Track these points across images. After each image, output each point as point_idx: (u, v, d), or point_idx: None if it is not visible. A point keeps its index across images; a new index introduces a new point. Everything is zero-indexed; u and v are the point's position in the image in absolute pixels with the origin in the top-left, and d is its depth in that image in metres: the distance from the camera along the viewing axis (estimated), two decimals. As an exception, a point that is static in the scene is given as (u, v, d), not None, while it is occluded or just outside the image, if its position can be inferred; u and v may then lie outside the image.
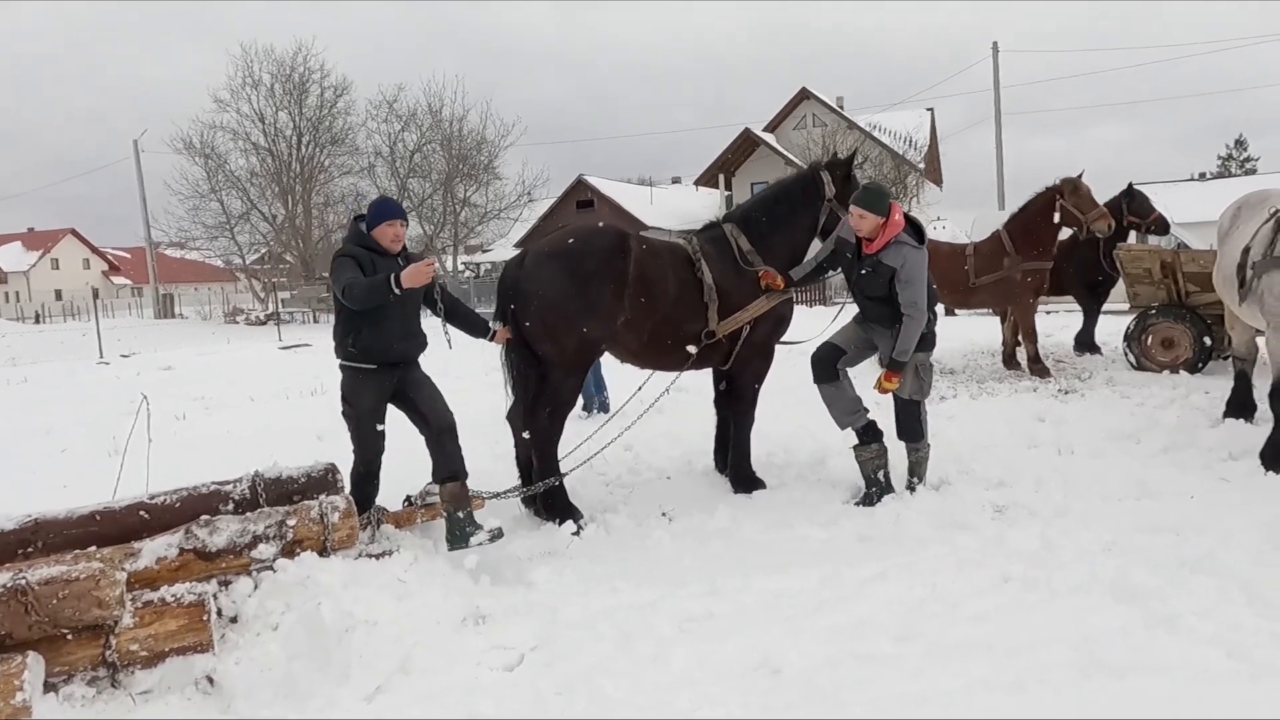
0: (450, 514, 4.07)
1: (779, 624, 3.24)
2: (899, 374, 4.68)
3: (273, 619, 3.25)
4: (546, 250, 4.63)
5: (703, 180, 37.84)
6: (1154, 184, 39.01)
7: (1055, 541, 3.90)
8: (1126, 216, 9.88)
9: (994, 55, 27.26)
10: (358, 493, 4.13)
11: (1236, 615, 3.03)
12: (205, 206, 31.99)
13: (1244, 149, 53.59)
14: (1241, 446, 5.27)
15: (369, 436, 4.26)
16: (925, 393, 4.89)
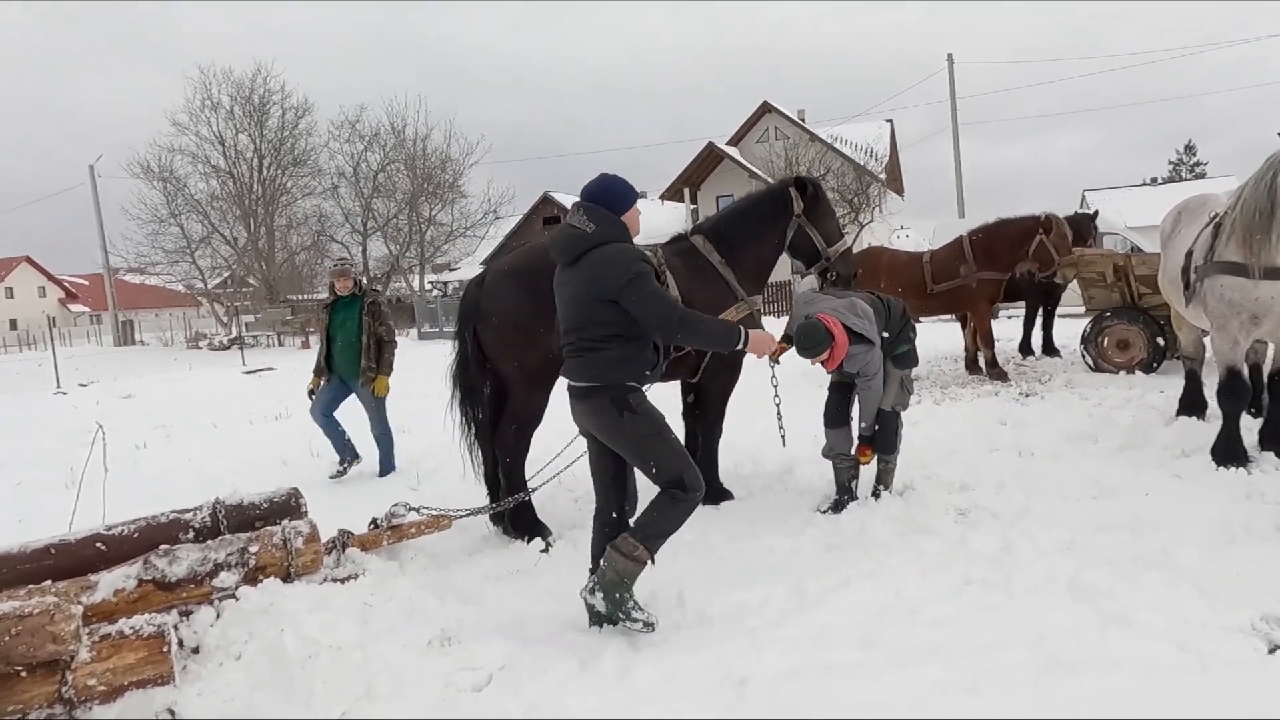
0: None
1: (744, 636, 3.26)
2: (868, 447, 4.90)
3: (235, 648, 3.21)
4: (506, 269, 4.65)
5: (668, 194, 38.05)
6: (1108, 189, 40.00)
7: (1015, 543, 3.97)
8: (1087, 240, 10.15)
9: (949, 67, 27.81)
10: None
11: (1187, 610, 3.10)
12: (165, 231, 31.60)
13: (1194, 154, 55.20)
14: (1194, 443, 5.41)
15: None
16: (906, 405, 5.01)
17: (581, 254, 3.33)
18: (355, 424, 6.93)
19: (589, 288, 3.30)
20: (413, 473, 6.30)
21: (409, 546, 4.32)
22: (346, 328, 6.53)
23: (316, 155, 34.10)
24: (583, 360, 3.35)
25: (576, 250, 3.34)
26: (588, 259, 3.32)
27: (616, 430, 3.36)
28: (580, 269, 3.33)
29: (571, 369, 3.40)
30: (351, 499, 5.70)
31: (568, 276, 3.41)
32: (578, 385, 3.40)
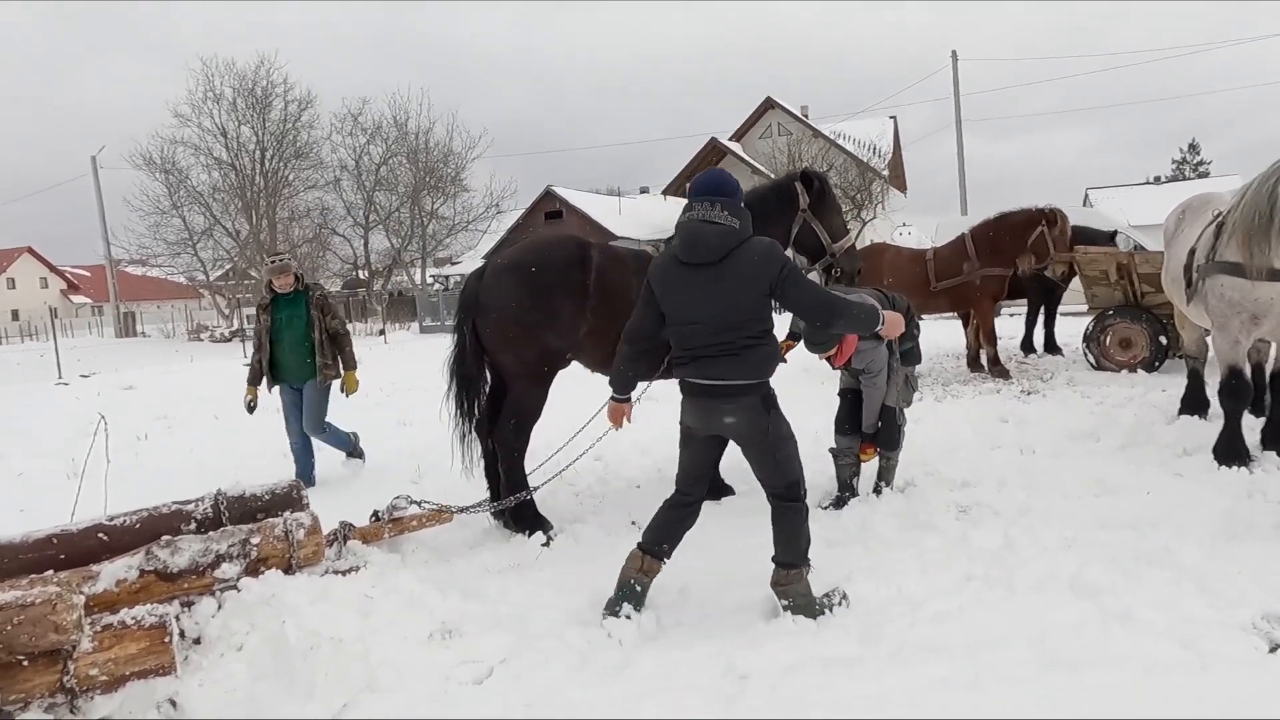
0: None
1: (745, 630, 3.27)
2: (874, 445, 4.91)
3: (237, 639, 3.21)
4: (506, 263, 4.65)
5: (671, 190, 38.05)
6: (1111, 188, 39.96)
7: (1017, 540, 3.97)
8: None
9: (954, 63, 27.75)
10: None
11: (1189, 608, 3.10)
12: (167, 223, 31.52)
13: (1197, 153, 55.09)
14: (1196, 442, 5.41)
15: None
16: (910, 401, 5.02)
17: (731, 250, 3.21)
18: (349, 423, 6.88)
19: (747, 284, 3.21)
20: (414, 466, 6.29)
21: (410, 539, 4.32)
22: (294, 326, 6.12)
23: (319, 148, 34.03)
24: (739, 359, 3.25)
25: (726, 247, 3.21)
26: (737, 255, 3.21)
27: (760, 428, 3.34)
28: (730, 265, 3.20)
29: (725, 368, 3.25)
30: (353, 492, 5.71)
31: (709, 274, 3.22)
32: (727, 384, 3.26)
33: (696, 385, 3.34)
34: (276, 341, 6.11)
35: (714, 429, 3.42)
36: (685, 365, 3.35)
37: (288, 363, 6.14)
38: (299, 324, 6.09)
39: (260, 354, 6.16)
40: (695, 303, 3.27)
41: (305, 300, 6.15)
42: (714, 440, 3.52)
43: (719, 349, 3.26)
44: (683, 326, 3.32)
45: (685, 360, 3.35)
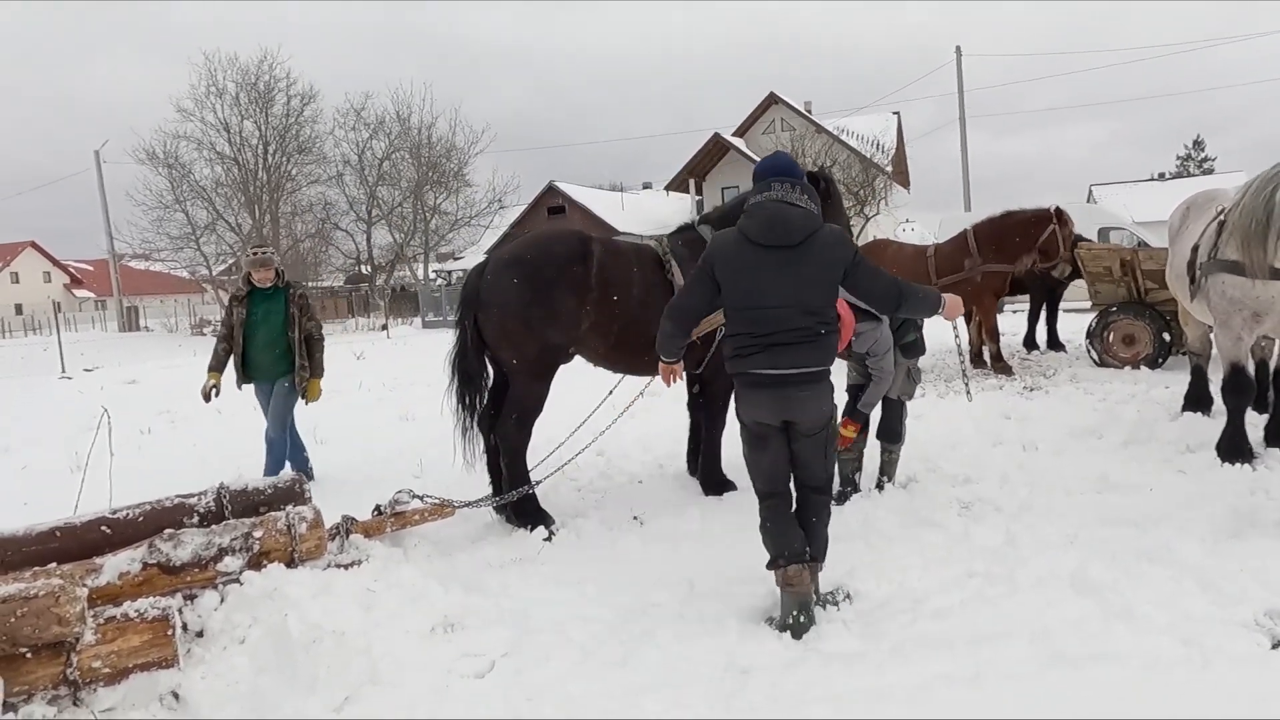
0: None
1: (747, 625, 3.27)
2: (858, 424, 4.81)
3: (239, 632, 3.22)
4: (507, 258, 4.65)
5: (673, 185, 37.99)
6: (1115, 184, 39.83)
7: (1019, 537, 3.97)
8: None
9: (958, 59, 27.68)
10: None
11: (1190, 605, 3.10)
12: (170, 217, 31.60)
13: (1201, 149, 54.95)
14: (1199, 439, 5.40)
15: None
16: (912, 394, 5.00)
17: (809, 234, 3.13)
18: (353, 419, 6.88)
19: (826, 269, 3.15)
20: (416, 461, 6.30)
21: (412, 534, 4.33)
22: (270, 322, 5.79)
23: (322, 143, 34.13)
24: (815, 345, 3.17)
25: (807, 230, 3.13)
26: (814, 239, 3.14)
27: (827, 416, 3.32)
28: (807, 249, 3.12)
29: (803, 356, 3.15)
30: (355, 486, 5.71)
31: (786, 257, 3.12)
32: (806, 371, 3.17)
33: (769, 376, 3.16)
34: (249, 337, 5.78)
35: (785, 417, 3.26)
36: (755, 354, 3.16)
37: (259, 360, 5.82)
38: (275, 321, 5.80)
39: (229, 346, 5.82)
40: (772, 286, 3.13)
41: (284, 297, 5.87)
42: (785, 430, 3.33)
43: (797, 335, 3.14)
44: (755, 310, 3.15)
45: (755, 349, 3.16)
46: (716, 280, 3.23)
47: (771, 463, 3.34)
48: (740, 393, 3.31)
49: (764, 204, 3.19)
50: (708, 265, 3.26)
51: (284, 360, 5.82)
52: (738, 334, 3.23)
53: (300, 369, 5.82)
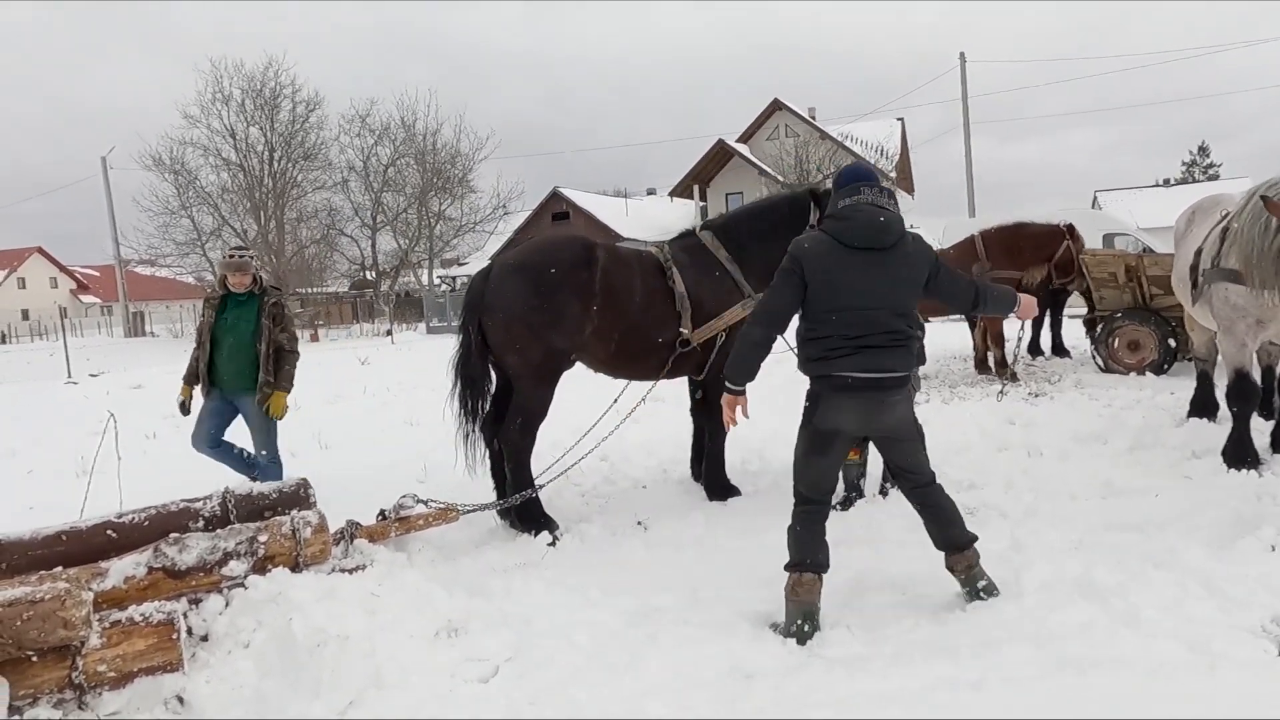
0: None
1: (751, 630, 3.27)
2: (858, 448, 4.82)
3: (244, 636, 3.22)
4: (512, 263, 4.66)
5: (677, 191, 38.08)
6: (1120, 190, 39.77)
7: (1023, 541, 3.96)
8: None
9: (961, 65, 27.69)
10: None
11: (1196, 610, 3.09)
12: (176, 223, 31.68)
13: (1207, 155, 54.88)
14: (1204, 445, 5.38)
15: None
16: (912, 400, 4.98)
17: (899, 238, 3.21)
18: (360, 424, 6.89)
19: (915, 271, 3.24)
20: (420, 465, 6.30)
21: (416, 538, 4.33)
22: (239, 329, 5.34)
23: (327, 149, 34.20)
24: (906, 349, 3.23)
25: (897, 233, 3.20)
26: (903, 244, 3.22)
27: (915, 418, 3.38)
28: (898, 253, 3.19)
29: (895, 359, 3.18)
30: (359, 491, 5.70)
31: (878, 260, 3.17)
32: (896, 375, 3.20)
33: (861, 380, 3.15)
34: (215, 343, 5.35)
35: (872, 427, 3.28)
36: (847, 357, 3.14)
37: (223, 369, 5.36)
38: (245, 329, 5.35)
39: (200, 353, 5.43)
40: (866, 288, 3.15)
41: (258, 305, 5.42)
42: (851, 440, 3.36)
43: (890, 338, 3.17)
44: (848, 312, 3.15)
45: (847, 351, 3.14)
46: (805, 281, 3.20)
47: (828, 469, 3.35)
48: (824, 397, 3.23)
49: (858, 207, 3.21)
50: (795, 266, 3.22)
51: (248, 373, 5.35)
52: (826, 336, 3.19)
53: (263, 383, 5.30)
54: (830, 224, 3.26)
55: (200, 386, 5.46)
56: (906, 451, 3.38)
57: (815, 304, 3.20)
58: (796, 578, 3.24)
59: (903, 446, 3.37)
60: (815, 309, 3.21)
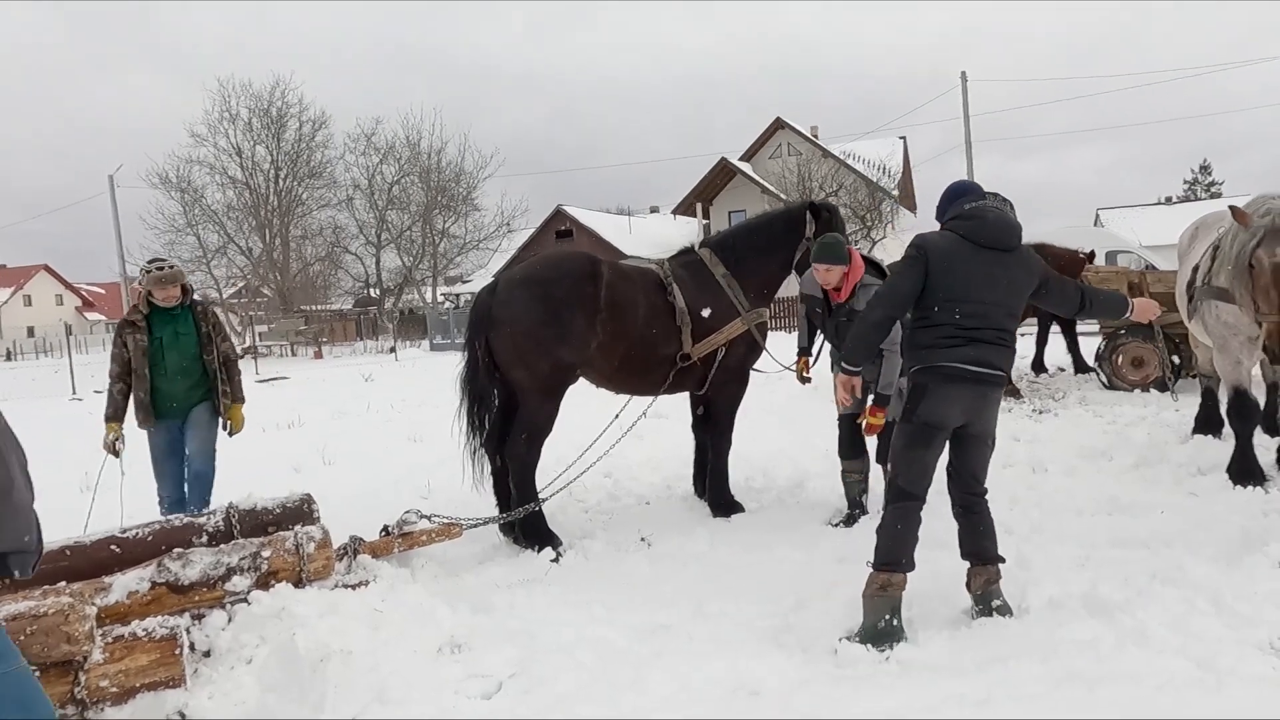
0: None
1: (756, 646, 3.25)
2: (884, 408, 4.76)
3: (246, 652, 3.22)
4: (519, 277, 4.68)
5: (680, 209, 38.16)
6: (1123, 208, 39.84)
7: (1029, 558, 3.94)
8: None
9: (963, 85, 27.82)
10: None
11: (1203, 625, 3.07)
12: (181, 241, 31.86)
13: (1209, 173, 54.97)
14: (1210, 461, 5.37)
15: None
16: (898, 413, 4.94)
17: (1018, 244, 3.36)
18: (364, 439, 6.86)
19: (1029, 277, 3.37)
20: (424, 481, 6.30)
21: (420, 554, 4.32)
22: (180, 346, 4.89)
23: (332, 167, 34.46)
24: (1008, 349, 3.34)
25: (1019, 238, 3.36)
26: (1021, 250, 3.36)
27: (996, 421, 3.45)
28: (1016, 258, 3.32)
29: (999, 357, 3.28)
30: (364, 506, 5.70)
31: (1001, 261, 3.27)
32: (998, 373, 3.30)
33: (969, 372, 3.22)
34: (154, 366, 4.84)
35: (972, 420, 3.33)
36: (959, 347, 3.21)
37: (170, 391, 4.88)
38: (187, 344, 4.92)
39: (127, 386, 4.86)
40: (988, 285, 3.25)
41: (192, 317, 4.99)
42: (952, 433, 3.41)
43: (998, 336, 3.28)
44: (969, 304, 3.22)
45: (960, 342, 3.21)
46: (928, 270, 3.26)
47: (931, 462, 3.36)
48: (931, 387, 3.27)
49: (985, 209, 3.33)
50: (921, 255, 3.28)
51: (200, 388, 4.98)
52: (941, 324, 3.25)
53: (221, 394, 5.00)
54: (958, 224, 3.34)
55: (142, 421, 4.87)
56: (982, 454, 3.44)
57: (934, 294, 3.26)
58: (888, 577, 3.26)
59: (982, 448, 3.43)
60: (934, 298, 3.27)
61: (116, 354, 4.91)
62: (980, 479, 3.49)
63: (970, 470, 3.46)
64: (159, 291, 4.86)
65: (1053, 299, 3.54)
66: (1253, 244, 4.43)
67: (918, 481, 3.36)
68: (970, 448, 3.43)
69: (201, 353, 4.96)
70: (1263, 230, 4.41)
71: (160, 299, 4.88)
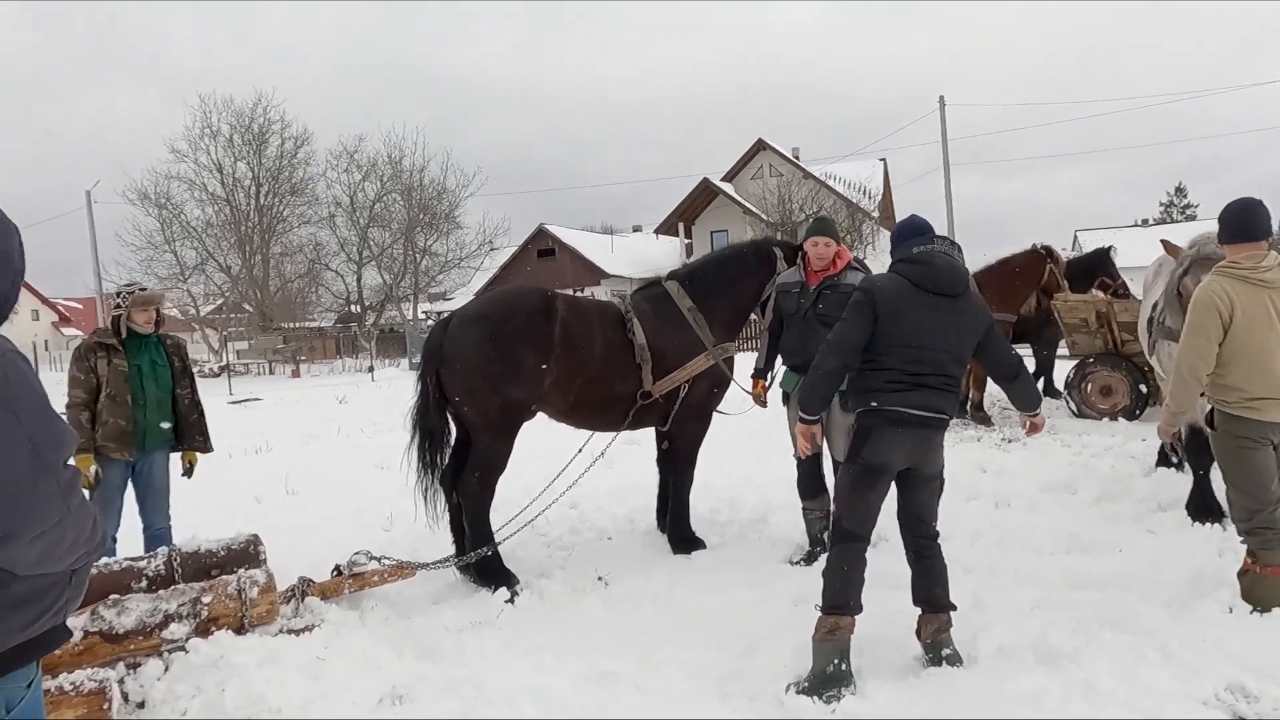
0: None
1: (701, 697, 3.20)
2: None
3: (181, 704, 3.14)
4: (470, 314, 4.63)
5: (663, 228, 38.33)
6: (1100, 229, 40.36)
7: (985, 600, 3.91)
8: (1100, 277, 10.26)
9: (941, 109, 28.15)
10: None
11: (1151, 677, 3.04)
12: (159, 257, 31.58)
13: (1184, 196, 55.81)
14: (1171, 496, 5.38)
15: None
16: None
17: (967, 289, 3.36)
18: (332, 467, 6.74)
19: (976, 325, 3.38)
20: (386, 512, 6.21)
21: (372, 594, 4.25)
22: (158, 376, 4.65)
23: (314, 184, 34.34)
24: (953, 395, 3.36)
25: (965, 284, 3.37)
26: (969, 295, 3.37)
27: (943, 464, 3.46)
28: (964, 303, 3.34)
29: (944, 402, 3.30)
30: (323, 539, 5.60)
31: (948, 306, 3.29)
32: (944, 417, 3.32)
33: (914, 416, 3.24)
34: (135, 396, 4.56)
35: (912, 461, 3.33)
36: (905, 392, 3.22)
37: (148, 424, 4.62)
38: (164, 375, 4.68)
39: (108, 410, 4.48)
40: (933, 330, 3.26)
41: (163, 346, 4.76)
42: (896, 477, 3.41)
43: (944, 382, 3.30)
44: (916, 350, 3.24)
45: (906, 386, 3.23)
46: (876, 314, 3.26)
47: (875, 504, 3.37)
48: (876, 430, 3.27)
49: (933, 254, 3.33)
50: (869, 299, 3.28)
51: (169, 426, 4.73)
52: (888, 369, 3.25)
53: (195, 438, 4.82)
54: (906, 267, 3.34)
55: (116, 452, 4.51)
56: (929, 496, 3.44)
57: (882, 338, 3.27)
58: (836, 620, 3.22)
59: (930, 490, 3.43)
60: (882, 343, 3.28)
61: (82, 379, 4.52)
62: (929, 521, 3.48)
63: (918, 513, 3.45)
64: (140, 314, 4.62)
65: (989, 355, 3.49)
66: (1179, 273, 4.49)
67: (862, 523, 3.35)
68: (917, 490, 3.42)
69: (175, 387, 4.75)
70: (1189, 260, 4.49)
71: (141, 322, 4.64)
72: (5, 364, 1.61)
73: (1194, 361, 3.65)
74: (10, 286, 1.77)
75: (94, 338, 4.68)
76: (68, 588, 1.77)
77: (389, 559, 4.26)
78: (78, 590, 1.80)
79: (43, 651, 1.81)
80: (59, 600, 1.77)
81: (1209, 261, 4.33)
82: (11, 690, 1.78)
